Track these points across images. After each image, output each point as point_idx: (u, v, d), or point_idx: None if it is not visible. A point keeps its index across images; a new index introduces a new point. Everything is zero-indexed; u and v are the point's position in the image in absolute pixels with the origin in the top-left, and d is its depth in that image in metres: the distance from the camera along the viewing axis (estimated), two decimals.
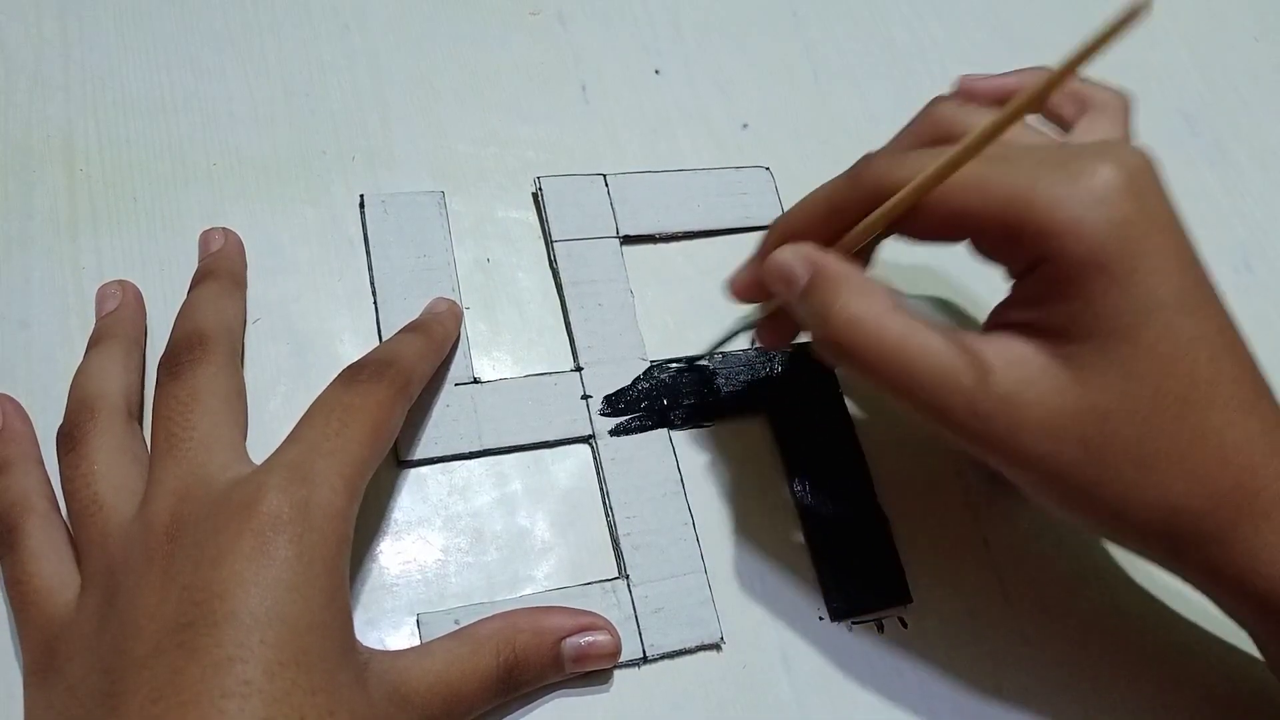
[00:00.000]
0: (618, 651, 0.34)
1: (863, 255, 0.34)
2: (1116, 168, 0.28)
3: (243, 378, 0.34)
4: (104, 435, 0.31)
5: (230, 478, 0.29)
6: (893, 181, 0.30)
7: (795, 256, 0.32)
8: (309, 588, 0.27)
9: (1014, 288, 0.31)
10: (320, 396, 0.32)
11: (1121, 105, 0.36)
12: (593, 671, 0.34)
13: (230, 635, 0.25)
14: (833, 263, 0.31)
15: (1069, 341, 0.28)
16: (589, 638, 0.33)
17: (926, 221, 0.30)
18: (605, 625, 0.34)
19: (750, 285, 0.35)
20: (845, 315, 0.30)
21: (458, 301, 0.39)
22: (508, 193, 0.42)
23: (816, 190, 0.33)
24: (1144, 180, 0.28)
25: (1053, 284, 0.28)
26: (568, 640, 0.33)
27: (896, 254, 0.36)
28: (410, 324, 0.37)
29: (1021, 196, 0.28)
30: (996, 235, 0.29)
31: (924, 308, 0.39)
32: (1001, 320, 0.31)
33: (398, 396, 0.32)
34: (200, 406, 0.31)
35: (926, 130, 0.34)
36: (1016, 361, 0.29)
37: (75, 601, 0.29)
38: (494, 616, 0.33)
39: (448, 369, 0.38)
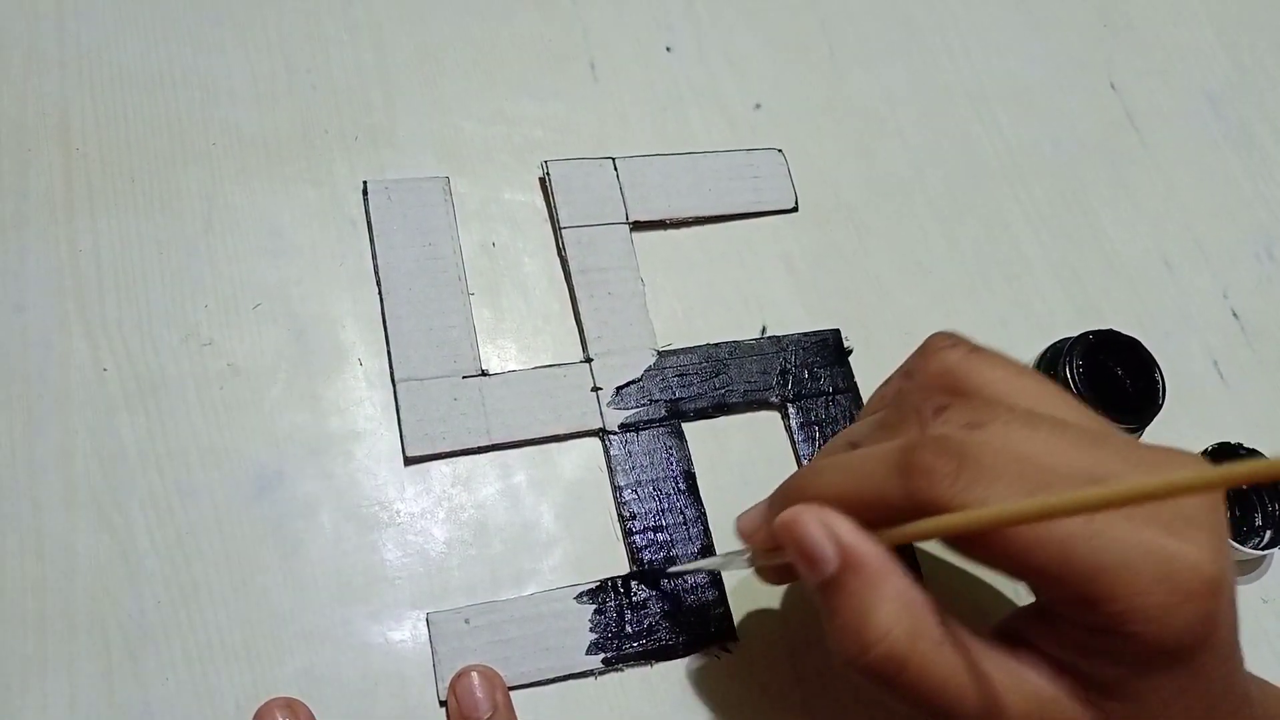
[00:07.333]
0: None
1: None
2: (1210, 556, 0.24)
3: None
4: None
5: None
6: (965, 503, 0.25)
7: (823, 533, 0.26)
8: None
9: (1052, 619, 0.27)
10: None
11: None
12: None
13: None
14: (871, 553, 0.26)
15: (1108, 698, 0.26)
16: None
17: (987, 549, 0.25)
18: None
19: (765, 540, 0.30)
20: (884, 640, 0.25)
21: None
22: (514, 174, 0.41)
23: (854, 463, 0.27)
24: (1227, 566, 0.25)
25: (1111, 647, 0.25)
26: None
27: None
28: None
29: (1109, 575, 0.24)
30: (1065, 595, 0.25)
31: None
32: (1029, 639, 0.27)
33: None
34: None
35: (935, 381, 0.29)
36: (1049, 702, 0.26)
37: None
38: None
39: (453, 362, 0.37)
